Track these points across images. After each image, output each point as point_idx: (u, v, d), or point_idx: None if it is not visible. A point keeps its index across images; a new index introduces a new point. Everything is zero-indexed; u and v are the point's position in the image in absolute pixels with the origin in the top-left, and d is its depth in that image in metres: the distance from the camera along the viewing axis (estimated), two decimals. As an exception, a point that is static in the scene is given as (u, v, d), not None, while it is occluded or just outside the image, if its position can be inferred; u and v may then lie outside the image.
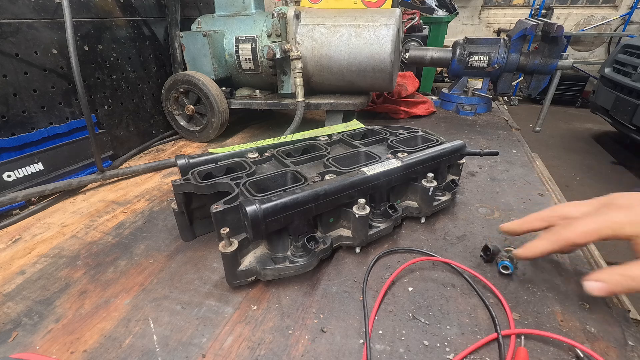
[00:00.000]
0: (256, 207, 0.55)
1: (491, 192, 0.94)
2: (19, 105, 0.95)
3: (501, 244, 0.72)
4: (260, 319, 0.57)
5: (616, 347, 0.50)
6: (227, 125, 1.41)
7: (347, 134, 0.93)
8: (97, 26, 1.16)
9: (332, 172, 0.70)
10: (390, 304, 0.59)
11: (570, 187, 3.23)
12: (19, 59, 0.94)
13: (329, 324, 0.55)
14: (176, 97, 1.38)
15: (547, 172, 1.11)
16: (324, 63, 1.32)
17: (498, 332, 0.51)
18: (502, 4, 8.31)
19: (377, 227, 0.72)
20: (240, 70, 1.42)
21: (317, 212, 0.62)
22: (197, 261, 0.71)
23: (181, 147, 1.42)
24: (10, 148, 0.93)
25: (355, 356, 0.50)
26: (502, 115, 1.72)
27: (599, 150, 4.13)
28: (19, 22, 0.94)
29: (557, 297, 0.59)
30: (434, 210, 0.81)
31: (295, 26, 1.29)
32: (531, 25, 1.53)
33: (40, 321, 0.57)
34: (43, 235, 0.82)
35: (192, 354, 0.51)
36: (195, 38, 1.33)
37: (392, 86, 1.41)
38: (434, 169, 0.79)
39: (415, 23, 2.16)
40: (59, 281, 0.67)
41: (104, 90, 1.21)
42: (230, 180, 0.67)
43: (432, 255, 0.69)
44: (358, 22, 1.28)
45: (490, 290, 0.60)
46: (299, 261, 0.62)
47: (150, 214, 0.90)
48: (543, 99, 1.68)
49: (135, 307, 0.60)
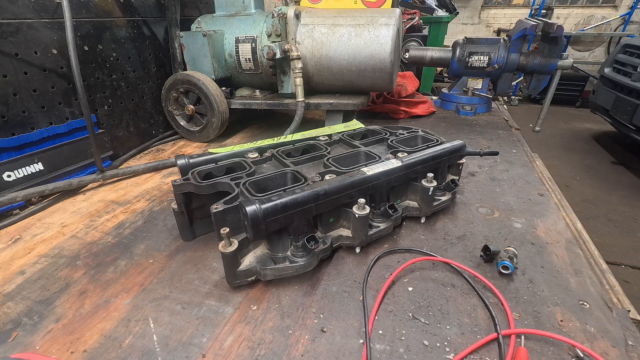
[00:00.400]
0: (256, 207, 0.55)
1: (491, 192, 0.94)
2: (19, 105, 0.95)
3: (501, 244, 0.72)
4: (260, 319, 0.57)
5: (616, 347, 0.50)
6: (227, 125, 1.41)
7: (347, 134, 0.93)
8: (97, 26, 1.16)
9: (332, 172, 0.70)
10: (390, 303, 0.59)
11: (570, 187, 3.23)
12: (19, 59, 0.94)
13: (329, 324, 0.55)
14: (176, 97, 1.38)
15: (547, 172, 1.11)
16: (324, 63, 1.32)
17: (498, 332, 0.51)
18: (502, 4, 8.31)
19: (377, 227, 0.72)
20: (240, 70, 1.42)
21: (317, 212, 0.62)
22: (197, 261, 0.71)
23: (181, 147, 1.42)
24: (10, 148, 0.93)
25: (355, 356, 0.50)
26: (502, 115, 1.72)
27: (599, 150, 4.13)
28: (19, 22, 0.94)
29: (557, 297, 0.59)
30: (434, 210, 0.81)
31: (295, 26, 1.29)
32: (531, 25, 1.53)
33: (40, 321, 0.57)
34: (43, 235, 0.82)
35: (192, 353, 0.51)
36: (195, 38, 1.33)
37: (392, 86, 1.41)
38: (434, 169, 0.79)
39: (415, 23, 2.16)
40: (59, 281, 0.67)
41: (104, 90, 1.21)
42: (230, 180, 0.67)
43: (432, 255, 0.69)
44: (358, 22, 1.28)
45: (490, 290, 0.60)
46: (299, 261, 0.62)
47: (150, 214, 0.90)
48: (543, 99, 1.68)
49: (135, 307, 0.60)
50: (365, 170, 0.68)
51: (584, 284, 0.62)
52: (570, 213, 0.86)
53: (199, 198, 0.72)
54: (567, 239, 0.74)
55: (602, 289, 0.61)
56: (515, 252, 0.65)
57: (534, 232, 0.76)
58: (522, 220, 0.81)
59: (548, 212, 0.84)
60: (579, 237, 0.77)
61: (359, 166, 0.71)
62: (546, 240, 0.74)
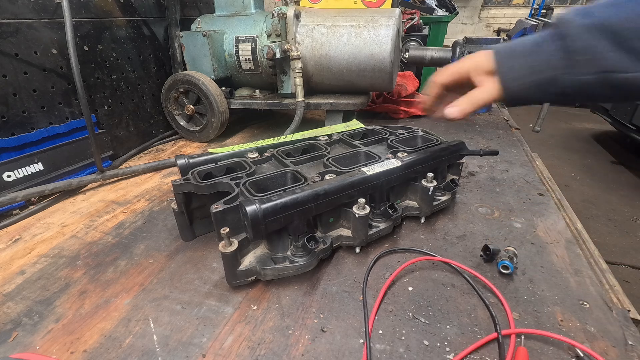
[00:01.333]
0: (256, 207, 0.55)
1: (491, 192, 0.94)
2: (18, 105, 0.95)
3: (501, 244, 0.72)
4: (260, 318, 0.57)
5: (616, 347, 0.50)
6: (227, 125, 1.41)
7: (347, 134, 0.93)
8: (97, 26, 1.16)
9: (332, 172, 0.70)
10: (390, 303, 0.59)
11: (570, 187, 3.23)
12: (18, 59, 0.94)
13: (329, 324, 0.55)
14: (176, 97, 1.38)
15: (547, 171, 1.11)
16: (324, 63, 1.32)
17: (498, 331, 0.51)
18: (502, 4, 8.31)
19: (377, 227, 0.72)
20: (240, 70, 1.42)
21: (317, 212, 0.62)
22: (197, 261, 0.71)
23: (181, 147, 1.42)
24: (10, 148, 0.93)
25: (356, 356, 0.50)
26: (502, 115, 1.72)
27: (599, 150, 4.13)
28: (18, 22, 0.94)
29: (557, 297, 0.59)
30: (434, 210, 0.81)
31: (295, 26, 1.29)
32: (531, 25, 1.53)
33: (40, 321, 0.57)
34: (43, 235, 0.82)
35: (192, 353, 0.51)
36: (195, 38, 1.33)
37: (392, 86, 1.41)
38: (433, 169, 0.79)
39: (415, 23, 2.16)
40: (59, 281, 0.67)
41: (104, 90, 1.21)
42: (230, 180, 0.67)
43: (432, 255, 0.69)
44: (358, 22, 1.28)
45: (490, 290, 0.60)
46: (299, 261, 0.62)
47: (150, 214, 0.90)
48: (543, 99, 1.68)
49: (135, 307, 0.60)
50: (365, 170, 0.68)
51: (583, 284, 0.62)
52: (570, 213, 0.86)
53: (199, 198, 0.72)
54: (567, 238, 0.74)
55: (602, 289, 0.61)
56: (515, 252, 0.65)
57: (534, 232, 0.76)
58: (522, 220, 0.81)
59: (548, 212, 0.84)
60: (579, 237, 0.77)
61: (359, 166, 0.71)
62: (546, 240, 0.74)
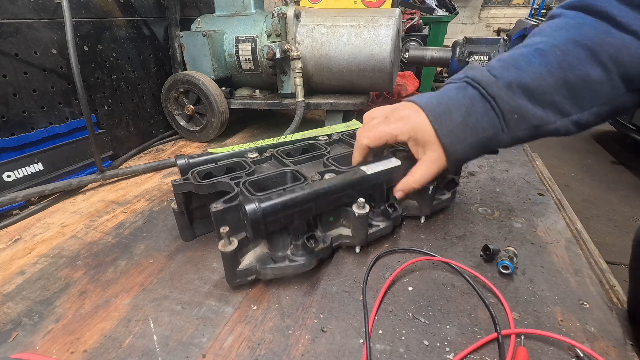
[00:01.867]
0: (256, 206, 0.55)
1: (491, 192, 0.94)
2: (18, 105, 0.95)
3: (501, 244, 0.72)
4: (260, 318, 0.57)
5: (616, 347, 0.50)
6: (227, 125, 1.41)
7: (347, 134, 0.93)
8: (97, 26, 1.16)
9: (331, 172, 0.70)
10: (390, 303, 0.59)
11: (570, 187, 3.23)
12: (18, 59, 0.94)
13: (329, 324, 0.55)
14: (176, 97, 1.38)
15: (547, 171, 1.11)
16: (324, 63, 1.32)
17: (498, 331, 0.51)
18: (502, 4, 8.31)
19: (377, 226, 0.72)
20: (240, 70, 1.42)
21: (316, 211, 0.62)
22: (197, 261, 0.71)
23: (181, 147, 1.42)
24: (10, 148, 0.93)
25: (355, 356, 0.50)
26: (502, 115, 1.72)
27: (599, 150, 4.13)
28: (18, 22, 0.94)
29: (557, 297, 0.59)
30: (434, 210, 0.81)
31: (295, 26, 1.29)
32: (531, 25, 1.53)
33: (40, 321, 0.57)
34: (43, 235, 0.82)
35: (192, 353, 0.51)
36: (195, 38, 1.33)
37: (392, 86, 1.41)
38: (433, 169, 0.79)
39: (415, 23, 2.16)
40: (59, 281, 0.67)
41: (104, 90, 1.21)
42: (229, 179, 0.67)
43: (432, 255, 0.69)
44: (358, 22, 1.28)
45: (490, 290, 0.60)
46: (298, 260, 0.61)
47: (150, 214, 0.90)
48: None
49: (135, 307, 0.60)
50: (365, 169, 0.68)
51: (583, 284, 0.62)
52: (570, 213, 0.86)
53: (199, 198, 0.72)
54: (567, 238, 0.74)
55: (602, 289, 0.61)
56: (515, 252, 0.65)
57: (534, 232, 0.76)
58: (522, 220, 0.81)
59: (548, 212, 0.84)
60: (579, 237, 0.77)
61: (359, 165, 0.71)
62: (546, 240, 0.74)
